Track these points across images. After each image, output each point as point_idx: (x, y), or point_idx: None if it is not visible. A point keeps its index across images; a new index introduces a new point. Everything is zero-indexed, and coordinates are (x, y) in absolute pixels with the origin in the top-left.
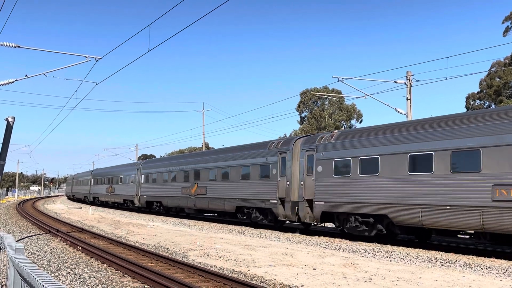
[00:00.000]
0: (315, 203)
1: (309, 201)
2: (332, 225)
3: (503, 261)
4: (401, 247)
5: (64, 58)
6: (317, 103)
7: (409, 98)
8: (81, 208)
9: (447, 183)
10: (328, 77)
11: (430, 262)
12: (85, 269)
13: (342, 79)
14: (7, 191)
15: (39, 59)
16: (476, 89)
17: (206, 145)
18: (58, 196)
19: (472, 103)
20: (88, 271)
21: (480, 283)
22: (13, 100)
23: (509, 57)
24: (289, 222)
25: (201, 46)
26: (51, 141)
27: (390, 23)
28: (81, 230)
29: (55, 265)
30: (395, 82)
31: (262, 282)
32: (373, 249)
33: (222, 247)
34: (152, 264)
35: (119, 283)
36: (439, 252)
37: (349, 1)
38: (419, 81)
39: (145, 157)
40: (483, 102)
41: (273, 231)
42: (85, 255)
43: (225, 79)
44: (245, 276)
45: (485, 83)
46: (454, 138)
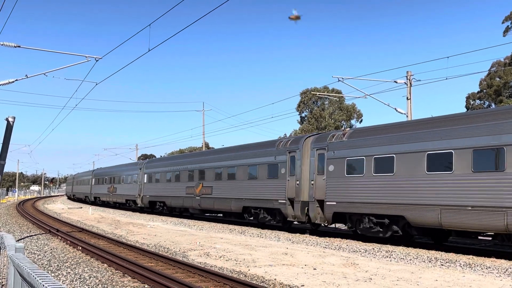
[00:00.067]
0: (327, 203)
1: (320, 201)
2: (334, 226)
3: (503, 261)
4: (401, 247)
5: (64, 58)
6: (317, 103)
7: (409, 98)
8: (81, 208)
9: (469, 182)
10: (328, 77)
11: (430, 262)
12: (85, 269)
13: (342, 79)
14: (7, 191)
15: (39, 59)
16: (476, 89)
17: (206, 145)
18: (58, 196)
19: (472, 103)
20: (88, 271)
21: (480, 283)
22: (13, 100)
23: (509, 57)
24: (297, 222)
25: (201, 46)
26: (51, 141)
27: (390, 23)
28: (81, 230)
29: (55, 265)
30: (395, 82)
31: (262, 282)
32: (373, 249)
33: (222, 247)
34: (152, 264)
35: (119, 283)
36: (439, 252)
37: (349, 1)
38: (419, 81)
39: (145, 157)
40: (483, 102)
41: (273, 231)
42: (85, 255)
43: (225, 79)
44: (245, 276)
45: (485, 83)
46: (475, 136)
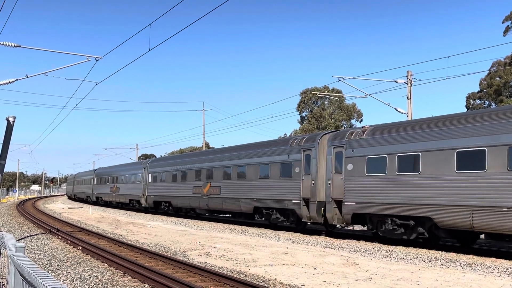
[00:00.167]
0: (345, 204)
1: (338, 201)
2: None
3: (503, 261)
4: (401, 246)
5: (64, 57)
6: (317, 103)
7: (409, 97)
8: (81, 207)
9: (504, 182)
10: (328, 77)
11: (430, 261)
12: (86, 269)
13: (342, 78)
14: (8, 190)
15: (40, 58)
16: (476, 89)
17: (206, 145)
18: (58, 195)
19: (472, 102)
20: (88, 271)
21: (480, 282)
22: (13, 99)
23: (510, 56)
24: (310, 223)
25: (201, 45)
26: (52, 141)
27: (390, 23)
28: (82, 229)
29: (56, 264)
30: (395, 81)
31: (262, 281)
32: (373, 248)
33: (222, 247)
34: (152, 263)
35: (119, 282)
36: (440, 251)
37: (349, 1)
38: (420, 80)
39: (145, 157)
40: (484, 101)
41: (273, 231)
42: (86, 254)
43: (225, 79)
44: (245, 275)
45: (485, 82)
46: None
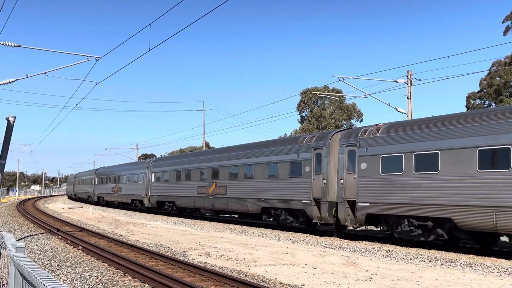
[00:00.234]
0: (359, 204)
1: (351, 202)
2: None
3: (503, 261)
4: (401, 246)
5: (64, 57)
6: (318, 103)
7: (409, 97)
8: (81, 207)
9: None
10: (328, 77)
11: (430, 261)
12: (86, 269)
13: (342, 78)
14: (8, 190)
15: (40, 58)
16: (476, 88)
17: (206, 145)
18: (58, 195)
19: (472, 102)
20: (88, 271)
21: (480, 282)
22: (13, 99)
23: (510, 56)
24: (319, 224)
25: (202, 45)
26: (52, 141)
27: (390, 23)
28: (82, 229)
29: (56, 264)
30: (395, 81)
31: (262, 281)
32: (374, 248)
33: (222, 247)
34: (152, 263)
35: (119, 282)
36: (440, 251)
37: (349, 1)
38: (420, 80)
39: (145, 156)
40: (484, 101)
41: (274, 230)
42: (86, 254)
43: (225, 79)
44: (245, 275)
45: (485, 82)
46: None
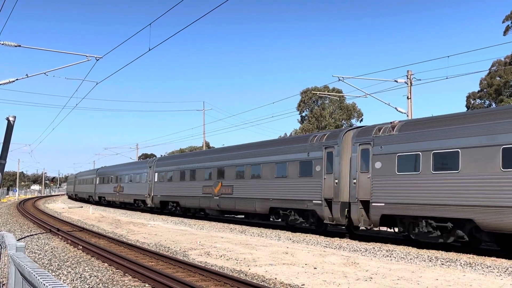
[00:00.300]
0: (373, 204)
1: (364, 202)
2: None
3: (503, 260)
4: (401, 246)
5: (64, 57)
6: (318, 102)
7: (409, 97)
8: (81, 207)
9: None
10: (328, 76)
11: (430, 261)
12: (86, 268)
13: (342, 78)
14: (8, 190)
15: (40, 58)
16: (476, 88)
17: (206, 144)
18: (58, 195)
19: (472, 102)
20: (89, 270)
21: (480, 282)
22: (13, 99)
23: (510, 56)
24: (330, 225)
25: (202, 45)
26: (52, 141)
27: (390, 23)
28: (82, 229)
29: (56, 264)
30: (395, 81)
31: (262, 281)
32: (374, 248)
33: (222, 246)
34: (152, 263)
35: (119, 282)
36: (440, 251)
37: (349, 1)
38: (420, 80)
39: (145, 156)
40: (484, 101)
41: (274, 230)
42: (86, 254)
43: (225, 78)
44: (245, 275)
45: (485, 82)
46: None
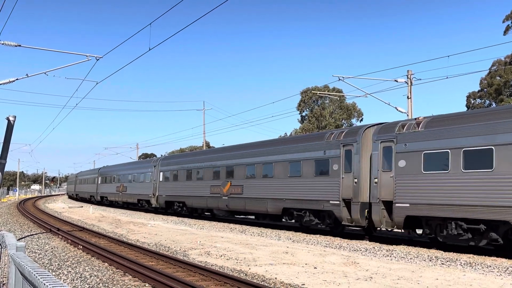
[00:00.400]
0: (397, 205)
1: (386, 202)
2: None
3: (503, 260)
4: (401, 246)
5: (64, 57)
6: (318, 102)
7: (409, 97)
8: (82, 207)
9: None
10: (328, 76)
11: (430, 261)
12: (86, 268)
13: (342, 78)
14: (8, 190)
15: (40, 58)
16: (476, 88)
17: (206, 144)
18: (59, 195)
19: (472, 102)
20: (89, 270)
21: (480, 281)
22: (14, 99)
23: (510, 56)
24: (347, 226)
25: (202, 45)
26: (52, 140)
27: (390, 22)
28: (82, 229)
29: (56, 264)
30: (395, 81)
31: (263, 281)
32: (374, 248)
33: (222, 246)
34: (153, 263)
35: (120, 282)
36: (440, 251)
37: (349, 1)
38: (420, 80)
39: (146, 156)
40: (484, 100)
41: (274, 230)
42: (86, 254)
43: (225, 78)
44: (246, 275)
45: (485, 82)
46: None
